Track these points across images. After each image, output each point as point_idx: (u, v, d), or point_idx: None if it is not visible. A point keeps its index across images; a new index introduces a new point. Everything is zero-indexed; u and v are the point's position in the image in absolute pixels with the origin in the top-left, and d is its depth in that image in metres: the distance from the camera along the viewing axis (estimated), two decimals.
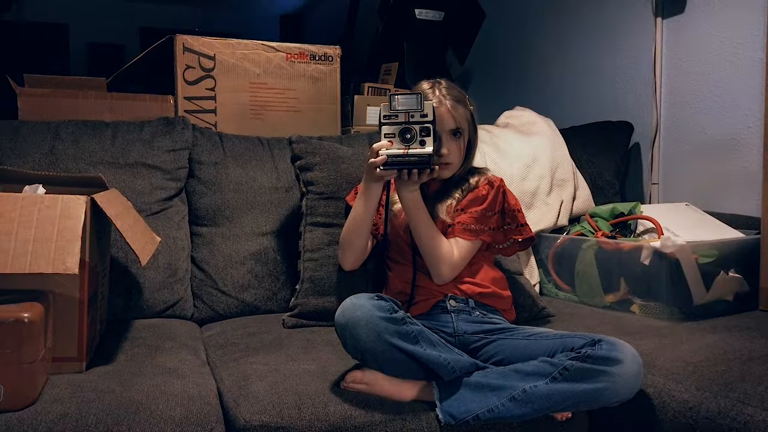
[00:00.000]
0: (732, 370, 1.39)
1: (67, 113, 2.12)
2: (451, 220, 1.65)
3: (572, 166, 2.43)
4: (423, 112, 1.52)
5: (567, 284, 2.15)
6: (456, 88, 1.69)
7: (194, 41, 2.32)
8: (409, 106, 1.52)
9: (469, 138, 1.69)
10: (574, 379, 1.30)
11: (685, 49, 2.50)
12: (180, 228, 2.00)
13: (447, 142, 1.64)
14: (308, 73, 2.47)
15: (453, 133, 1.65)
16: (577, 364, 1.31)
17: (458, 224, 1.64)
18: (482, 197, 1.66)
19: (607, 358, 1.31)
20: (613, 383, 1.30)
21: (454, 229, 1.64)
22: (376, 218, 1.70)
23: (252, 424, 1.25)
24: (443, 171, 1.65)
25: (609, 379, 1.30)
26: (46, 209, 1.31)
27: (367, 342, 1.34)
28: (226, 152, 2.11)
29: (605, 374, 1.30)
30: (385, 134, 1.51)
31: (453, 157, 1.65)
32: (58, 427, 1.15)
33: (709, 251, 1.88)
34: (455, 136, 1.65)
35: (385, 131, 1.51)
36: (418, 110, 1.51)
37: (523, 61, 3.47)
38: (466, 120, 1.67)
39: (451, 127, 1.64)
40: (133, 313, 1.85)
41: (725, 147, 2.35)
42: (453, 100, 1.65)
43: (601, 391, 1.30)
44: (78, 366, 1.38)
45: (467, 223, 1.64)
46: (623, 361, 1.31)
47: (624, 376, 1.30)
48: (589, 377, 1.30)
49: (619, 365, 1.30)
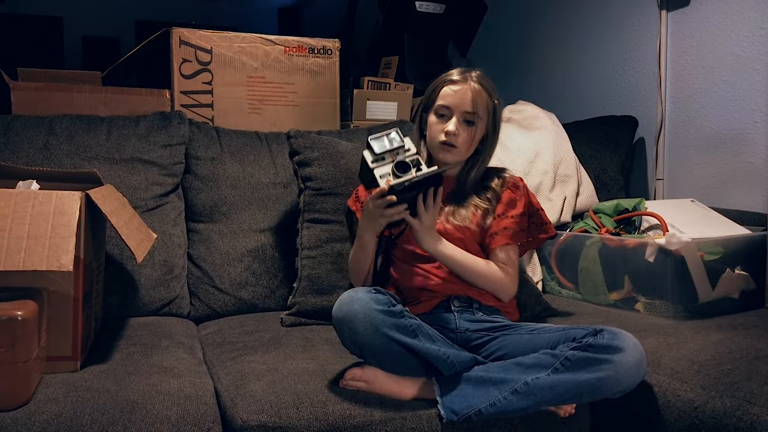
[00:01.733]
0: (738, 369, 1.39)
1: (61, 107, 2.12)
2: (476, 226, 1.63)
3: (575, 161, 2.42)
4: (405, 147, 1.51)
5: (570, 282, 2.14)
6: (488, 80, 1.67)
7: (191, 34, 2.31)
8: (391, 145, 1.50)
9: (486, 132, 1.66)
10: (576, 368, 1.31)
11: (690, 42, 2.50)
12: (176, 224, 2.00)
13: (458, 124, 1.62)
14: (307, 66, 2.47)
15: (467, 119, 1.63)
16: (578, 353, 1.32)
17: (504, 230, 1.64)
18: (515, 200, 1.67)
19: (608, 346, 1.31)
20: (615, 372, 1.30)
21: (499, 236, 1.63)
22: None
23: (249, 423, 1.25)
24: (446, 154, 1.63)
25: (611, 367, 1.30)
26: (40, 205, 1.31)
27: (365, 335, 1.34)
28: (223, 147, 2.11)
29: (607, 362, 1.30)
30: (380, 176, 1.48)
31: (459, 140, 1.62)
32: (53, 427, 1.15)
33: (715, 248, 1.88)
34: (468, 123, 1.63)
35: (379, 173, 1.49)
36: (401, 146, 1.50)
37: (525, 54, 3.46)
38: (486, 110, 1.64)
39: (466, 109, 1.62)
40: (128, 311, 1.85)
41: (731, 142, 2.35)
42: (479, 85, 1.63)
43: (603, 380, 1.30)
44: (72, 365, 1.38)
45: (512, 228, 1.64)
46: (625, 349, 1.31)
47: (626, 365, 1.31)
48: (591, 366, 1.30)
49: (620, 353, 1.31)
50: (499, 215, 1.65)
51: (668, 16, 2.57)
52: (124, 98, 2.24)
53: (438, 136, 1.63)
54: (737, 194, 2.32)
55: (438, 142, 1.63)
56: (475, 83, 1.63)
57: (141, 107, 2.22)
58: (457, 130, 1.61)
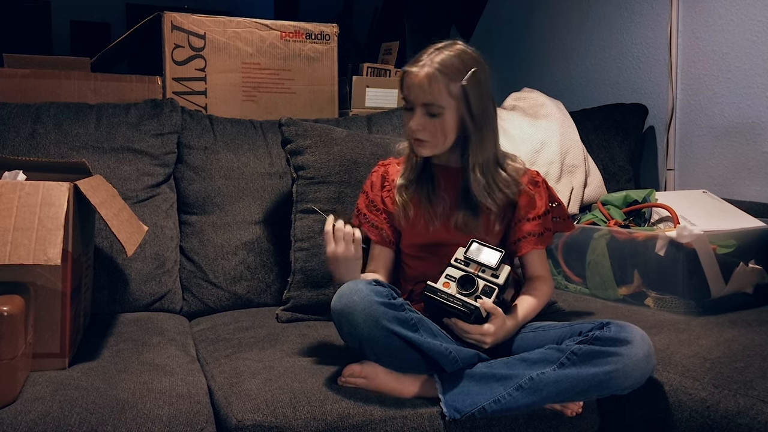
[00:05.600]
0: (752, 367, 1.39)
1: (48, 95, 2.12)
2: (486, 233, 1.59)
3: (583, 150, 2.42)
4: (496, 273, 1.47)
5: (578, 276, 2.14)
6: (459, 57, 1.51)
7: (183, 19, 2.30)
8: (486, 260, 1.47)
9: (460, 118, 1.53)
10: (583, 362, 1.31)
11: (702, 27, 2.49)
12: (168, 216, 1.99)
13: (419, 116, 1.52)
14: (304, 52, 2.46)
15: (428, 111, 1.51)
16: (585, 347, 1.32)
17: (528, 236, 1.61)
18: (533, 199, 1.62)
19: (615, 338, 1.31)
20: (624, 365, 1.30)
21: (525, 242, 1.61)
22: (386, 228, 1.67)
23: (244, 423, 1.25)
24: (421, 149, 1.56)
25: (618, 360, 1.30)
26: (27, 196, 1.30)
27: (365, 328, 1.33)
28: (216, 136, 2.10)
29: (614, 355, 1.30)
30: (446, 275, 1.46)
31: (427, 134, 1.53)
32: (39, 427, 1.14)
33: (728, 241, 1.88)
34: (431, 115, 1.51)
35: (447, 272, 1.47)
36: (493, 269, 1.47)
37: (531, 40, 3.45)
38: (449, 95, 1.49)
39: (423, 101, 1.50)
40: (118, 306, 1.84)
41: (745, 131, 2.34)
42: (437, 70, 1.48)
43: (610, 374, 1.30)
44: (60, 362, 1.38)
45: (536, 231, 1.61)
46: (632, 341, 1.31)
47: (634, 358, 1.30)
48: (598, 359, 1.30)
49: (628, 346, 1.31)
50: (520, 219, 1.61)
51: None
52: (114, 85, 2.23)
53: (407, 132, 1.57)
54: (751, 185, 2.32)
55: (408, 137, 1.59)
56: (429, 67, 1.49)
57: (131, 95, 2.22)
58: (419, 124, 1.52)
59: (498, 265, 1.47)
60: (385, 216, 1.67)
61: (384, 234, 1.66)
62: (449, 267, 1.48)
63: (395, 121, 2.29)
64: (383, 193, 1.68)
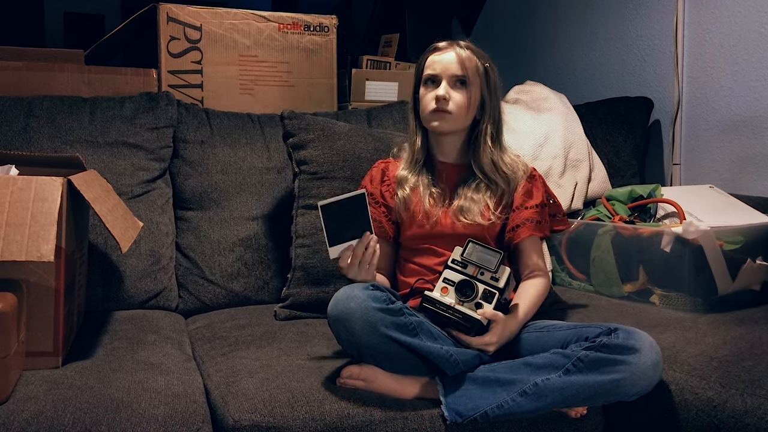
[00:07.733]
0: (759, 366, 1.38)
1: (41, 88, 2.11)
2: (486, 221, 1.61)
3: (587, 145, 2.42)
4: (496, 276, 1.46)
5: (582, 273, 2.14)
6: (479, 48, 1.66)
7: (179, 10, 2.30)
8: (485, 262, 1.46)
9: (482, 98, 1.64)
10: (589, 369, 1.30)
11: (709, 18, 2.48)
12: (164, 212, 1.99)
13: (449, 87, 1.61)
14: (302, 44, 2.46)
15: (459, 80, 1.61)
16: (592, 354, 1.31)
17: (526, 222, 1.62)
18: (531, 190, 1.66)
19: (623, 346, 1.31)
20: (631, 374, 1.30)
21: (523, 228, 1.62)
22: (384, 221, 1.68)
23: (241, 423, 1.24)
24: (442, 122, 1.61)
25: (626, 369, 1.30)
26: (19, 192, 1.30)
27: (363, 335, 1.33)
28: (213, 130, 2.10)
29: (622, 364, 1.30)
30: (444, 278, 1.45)
31: (452, 104, 1.60)
32: (32, 426, 1.14)
33: (735, 237, 1.87)
34: (461, 83, 1.62)
35: (445, 275, 1.46)
36: (492, 270, 1.46)
37: (534, 32, 3.44)
38: (477, 73, 1.62)
39: (455, 73, 1.61)
40: (113, 304, 1.84)
41: (752, 125, 2.33)
42: (467, 49, 1.63)
43: (618, 382, 1.30)
44: (54, 361, 1.38)
45: (534, 218, 1.63)
46: (641, 350, 1.31)
47: (642, 366, 1.30)
48: (605, 367, 1.30)
49: (636, 354, 1.30)
50: (518, 207, 1.64)
51: None
52: (108, 78, 2.23)
53: (429, 104, 1.62)
54: (759, 180, 2.31)
55: (429, 111, 1.62)
56: (461, 48, 1.63)
57: (126, 88, 2.21)
58: (447, 93, 1.60)
59: (497, 267, 1.46)
60: (384, 210, 1.69)
61: (383, 228, 1.68)
62: (447, 269, 1.47)
63: (395, 115, 2.28)
64: (383, 187, 1.70)
